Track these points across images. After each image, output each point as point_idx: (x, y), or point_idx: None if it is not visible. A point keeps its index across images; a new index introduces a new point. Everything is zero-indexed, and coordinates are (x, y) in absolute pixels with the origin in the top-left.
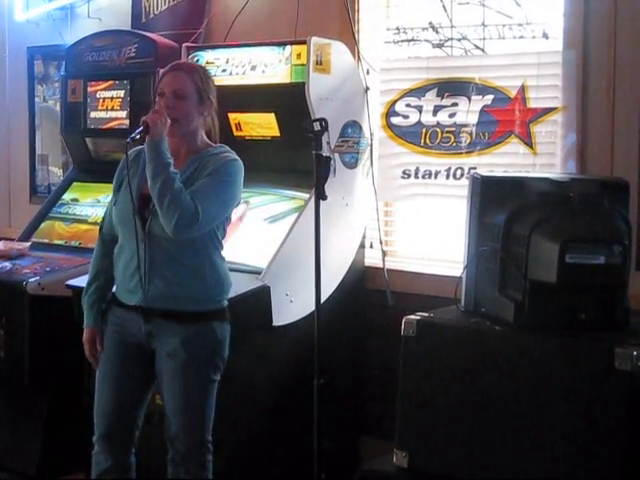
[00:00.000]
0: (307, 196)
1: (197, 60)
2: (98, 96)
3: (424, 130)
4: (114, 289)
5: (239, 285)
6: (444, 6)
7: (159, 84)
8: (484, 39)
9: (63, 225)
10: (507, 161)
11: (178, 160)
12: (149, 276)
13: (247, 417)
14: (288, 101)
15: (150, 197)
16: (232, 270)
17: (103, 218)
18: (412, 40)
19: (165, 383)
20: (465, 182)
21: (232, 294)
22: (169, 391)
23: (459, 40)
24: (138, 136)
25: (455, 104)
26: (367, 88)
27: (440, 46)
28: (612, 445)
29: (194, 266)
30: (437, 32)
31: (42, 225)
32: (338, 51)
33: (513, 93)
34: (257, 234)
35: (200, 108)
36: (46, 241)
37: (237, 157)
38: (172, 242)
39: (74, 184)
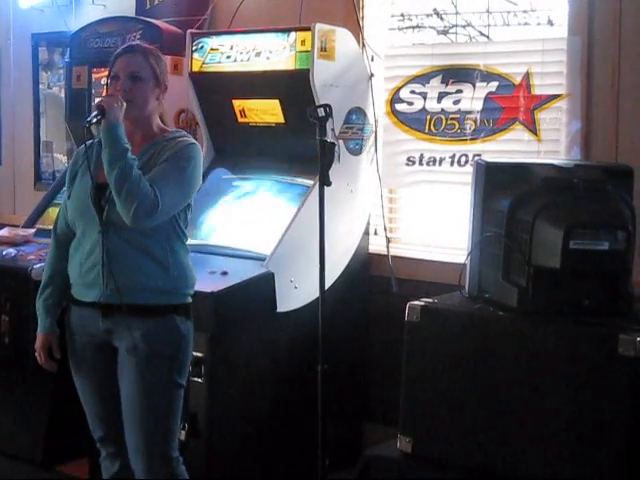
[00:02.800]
0: (311, 182)
1: (202, 47)
2: (103, 82)
3: (429, 117)
4: (71, 289)
5: (243, 271)
6: None
7: (112, 67)
8: (489, 26)
9: None
10: (511, 148)
11: (134, 146)
12: (109, 268)
13: (251, 403)
14: (292, 88)
15: (106, 185)
16: (237, 257)
17: (57, 217)
18: (417, 27)
19: (125, 385)
20: (469, 169)
21: (237, 280)
22: (129, 394)
23: (464, 27)
24: (94, 120)
25: (460, 91)
26: (371, 75)
27: (445, 33)
28: (615, 430)
29: (156, 256)
30: (442, 19)
31: (46, 212)
32: (342, 38)
33: (518, 80)
34: (261, 220)
35: (156, 91)
36: (51, 228)
37: (194, 141)
38: (132, 231)
39: None
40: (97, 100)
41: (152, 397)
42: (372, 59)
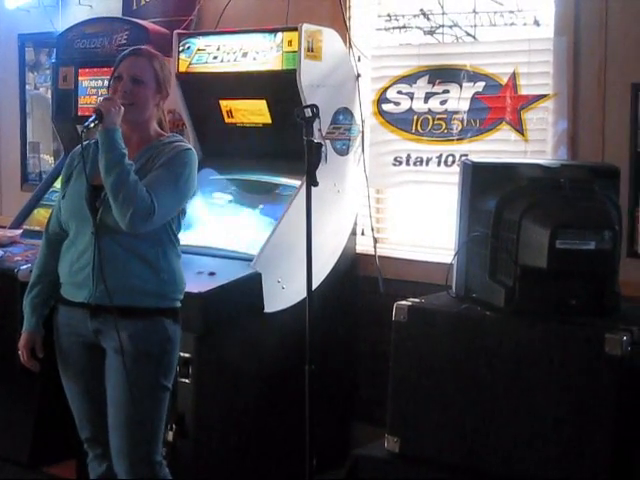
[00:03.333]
0: (298, 183)
1: (189, 47)
2: (89, 84)
3: (415, 117)
4: (60, 289)
5: (231, 272)
6: None
7: (117, 68)
8: (475, 26)
9: None
10: (498, 148)
11: (130, 149)
12: (100, 269)
13: (238, 403)
14: (279, 88)
15: (101, 187)
16: (223, 257)
17: (50, 216)
18: (403, 27)
19: (110, 385)
20: (456, 169)
21: (224, 280)
22: (114, 395)
23: (450, 27)
24: (92, 124)
25: (446, 91)
26: (358, 75)
27: (431, 33)
28: (602, 430)
29: (148, 259)
30: (428, 19)
31: (33, 213)
32: (329, 38)
33: (504, 80)
34: (248, 221)
35: (156, 97)
36: (37, 229)
37: (190, 146)
38: (125, 234)
39: None
40: (98, 101)
41: (137, 398)
42: (359, 59)
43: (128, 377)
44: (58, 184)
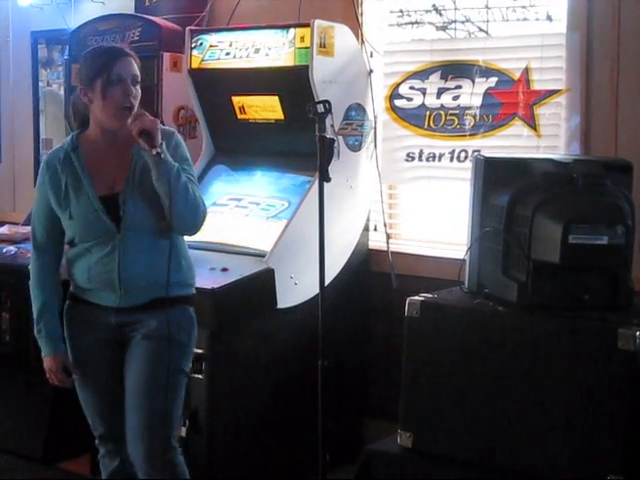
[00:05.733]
0: (311, 179)
1: (201, 43)
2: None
3: (428, 113)
4: (72, 288)
5: (243, 268)
6: None
7: (112, 69)
8: (488, 21)
9: None
10: (511, 143)
11: (122, 145)
12: (127, 273)
13: (251, 399)
14: (292, 84)
15: (112, 195)
16: (236, 253)
17: (35, 239)
18: (416, 23)
19: (134, 370)
20: (469, 165)
21: (237, 276)
22: (137, 379)
23: (463, 22)
24: (151, 149)
25: (459, 86)
26: (371, 71)
27: (444, 28)
28: (615, 424)
29: (167, 249)
30: (440, 14)
31: None
32: (342, 34)
33: (517, 75)
34: (261, 217)
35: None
36: None
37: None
38: (147, 232)
39: None
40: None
41: (161, 383)
42: (371, 55)
43: (154, 359)
44: None
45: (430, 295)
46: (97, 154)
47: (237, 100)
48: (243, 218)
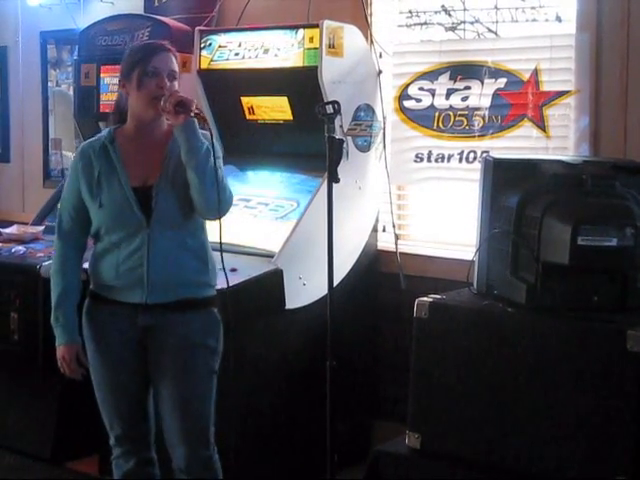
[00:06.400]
0: (320, 179)
1: (210, 44)
2: (110, 81)
3: (437, 113)
4: (94, 287)
5: (252, 268)
6: None
7: (150, 62)
8: (497, 22)
9: None
10: (520, 144)
11: (159, 139)
12: (155, 268)
13: (259, 399)
14: (301, 84)
15: (145, 188)
16: (245, 253)
17: (60, 227)
18: (425, 23)
19: (168, 377)
20: (478, 166)
21: (246, 277)
22: (172, 384)
23: (472, 23)
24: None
25: (468, 87)
26: (380, 71)
27: (453, 29)
28: (624, 426)
29: (196, 251)
30: (450, 15)
31: (55, 209)
32: (351, 34)
33: (526, 76)
34: (269, 217)
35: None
36: None
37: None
38: (177, 228)
39: None
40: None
41: (198, 387)
42: (380, 56)
43: (192, 370)
44: None
45: (439, 296)
46: (132, 148)
47: (246, 101)
48: (252, 219)
